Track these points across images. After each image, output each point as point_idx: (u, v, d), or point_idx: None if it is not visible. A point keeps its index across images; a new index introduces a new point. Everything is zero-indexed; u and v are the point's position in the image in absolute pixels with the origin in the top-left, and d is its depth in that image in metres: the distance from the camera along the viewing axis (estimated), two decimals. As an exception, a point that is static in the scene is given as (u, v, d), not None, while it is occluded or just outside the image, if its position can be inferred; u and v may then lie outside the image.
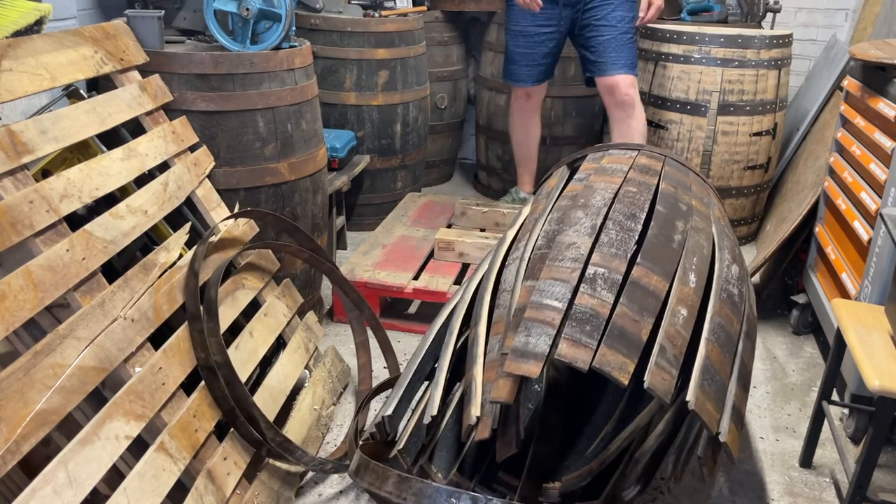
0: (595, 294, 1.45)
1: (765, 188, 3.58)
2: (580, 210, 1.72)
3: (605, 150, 2.20)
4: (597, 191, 1.81)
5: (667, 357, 1.37)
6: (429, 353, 1.68)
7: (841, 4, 4.07)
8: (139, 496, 1.40)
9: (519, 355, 1.36)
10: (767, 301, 3.04)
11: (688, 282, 1.55)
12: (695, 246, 1.67)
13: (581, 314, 1.41)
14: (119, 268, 1.75)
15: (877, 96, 2.28)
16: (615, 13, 3.01)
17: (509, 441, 1.40)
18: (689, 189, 1.98)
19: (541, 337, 1.38)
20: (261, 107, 2.24)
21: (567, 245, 1.59)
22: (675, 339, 1.41)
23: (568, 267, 1.52)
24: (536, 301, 1.46)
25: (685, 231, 1.71)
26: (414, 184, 3.77)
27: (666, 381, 1.33)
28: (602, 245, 1.57)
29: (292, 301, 2.19)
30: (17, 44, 1.64)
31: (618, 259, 1.54)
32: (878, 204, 2.12)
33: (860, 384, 1.96)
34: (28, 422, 1.27)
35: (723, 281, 1.64)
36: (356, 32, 3.33)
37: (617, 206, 1.71)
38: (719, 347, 1.47)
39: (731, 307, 1.60)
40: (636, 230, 1.64)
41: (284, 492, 1.79)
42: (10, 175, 1.48)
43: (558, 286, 1.48)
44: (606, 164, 2.03)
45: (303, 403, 2.02)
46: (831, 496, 1.98)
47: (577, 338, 1.36)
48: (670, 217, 1.73)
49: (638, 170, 1.97)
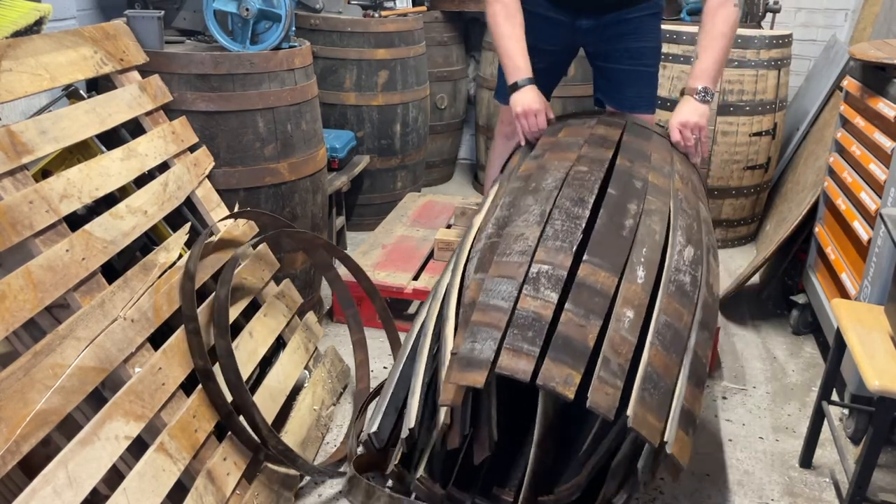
0: (538, 295, 1.39)
1: (765, 188, 3.58)
2: (530, 196, 1.64)
3: (564, 122, 2.13)
4: (549, 171, 1.73)
5: (610, 369, 1.31)
6: (409, 359, 1.62)
7: (841, 4, 4.07)
8: (139, 496, 1.39)
9: (464, 364, 1.31)
10: (767, 301, 3.04)
11: (635, 278, 1.48)
12: (646, 232, 1.59)
13: (523, 319, 1.35)
14: (119, 268, 1.75)
15: (876, 96, 2.28)
16: (640, 45, 2.46)
17: (483, 443, 1.36)
18: (649, 159, 1.88)
19: (486, 342, 1.33)
20: (261, 107, 2.24)
21: (516, 237, 1.53)
22: (619, 347, 1.35)
23: (515, 262, 1.46)
24: (483, 302, 1.40)
25: (637, 214, 1.63)
26: (414, 184, 3.77)
27: (609, 395, 1.28)
28: (547, 238, 1.50)
29: (292, 301, 2.19)
30: (16, 44, 1.64)
31: (563, 253, 1.47)
32: (878, 204, 2.12)
33: (860, 384, 1.96)
34: (28, 422, 1.27)
35: (672, 271, 1.55)
36: (356, 32, 3.33)
37: (565, 191, 1.63)
38: (664, 350, 1.41)
39: (680, 299, 1.52)
40: (583, 217, 1.56)
41: (284, 492, 1.79)
42: (9, 175, 1.48)
43: (505, 284, 1.42)
44: (563, 137, 1.94)
45: (303, 404, 2.02)
46: (831, 496, 1.98)
47: (518, 346, 1.31)
48: (622, 200, 1.65)
49: (593, 143, 1.86)
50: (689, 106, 2.14)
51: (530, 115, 2.15)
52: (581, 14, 2.34)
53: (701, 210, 1.87)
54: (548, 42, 2.36)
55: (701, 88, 2.13)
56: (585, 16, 2.34)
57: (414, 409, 1.41)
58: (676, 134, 2.14)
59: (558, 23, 2.35)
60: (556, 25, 2.36)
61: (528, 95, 2.16)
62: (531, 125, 2.16)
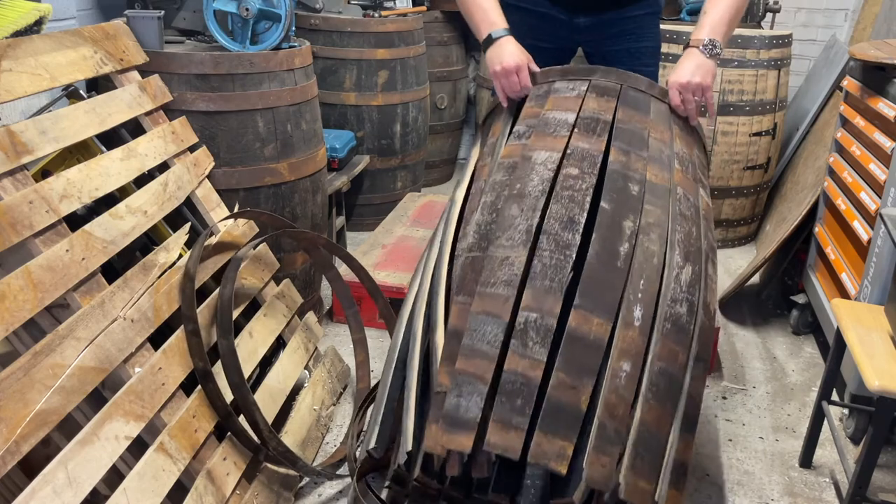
0: (526, 353, 1.30)
1: (764, 188, 3.58)
2: (515, 204, 1.51)
3: (551, 84, 1.85)
4: (534, 168, 1.58)
5: (606, 436, 1.25)
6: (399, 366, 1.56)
7: (840, 4, 4.07)
8: (139, 496, 1.39)
9: (450, 423, 1.26)
10: (767, 301, 3.04)
11: (632, 320, 1.37)
12: (643, 257, 1.47)
13: (510, 384, 1.28)
14: (119, 268, 1.75)
15: (876, 96, 2.28)
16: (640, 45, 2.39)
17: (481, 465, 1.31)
18: (646, 144, 1.70)
19: (472, 398, 1.27)
20: (260, 107, 2.24)
21: (500, 261, 1.42)
22: (616, 409, 1.28)
23: (501, 294, 1.37)
24: (467, 345, 1.33)
25: (634, 233, 1.49)
26: (414, 184, 3.77)
27: (605, 468, 1.23)
28: (535, 277, 1.39)
29: (292, 301, 2.19)
30: (16, 44, 1.64)
31: (552, 297, 1.36)
32: (878, 204, 2.12)
33: (860, 384, 1.96)
34: (28, 422, 1.27)
35: (668, 304, 1.44)
36: (356, 32, 3.33)
37: (553, 208, 1.49)
38: (658, 402, 1.33)
39: (676, 336, 1.42)
40: (574, 245, 1.43)
41: (284, 492, 1.79)
42: (9, 175, 1.48)
43: (490, 325, 1.33)
44: (550, 111, 1.73)
45: (303, 404, 2.02)
46: (831, 496, 1.98)
47: (506, 419, 1.24)
48: (616, 216, 1.50)
49: (584, 128, 1.68)
50: (692, 61, 1.84)
51: (511, 74, 1.87)
52: (579, 11, 2.25)
53: (700, 201, 1.72)
54: (545, 40, 2.27)
55: (708, 41, 1.84)
56: (584, 13, 2.25)
57: (409, 433, 1.37)
58: (676, 97, 1.85)
59: (556, 20, 2.27)
60: (553, 23, 2.27)
61: (506, 49, 1.88)
62: (512, 85, 1.88)
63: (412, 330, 1.56)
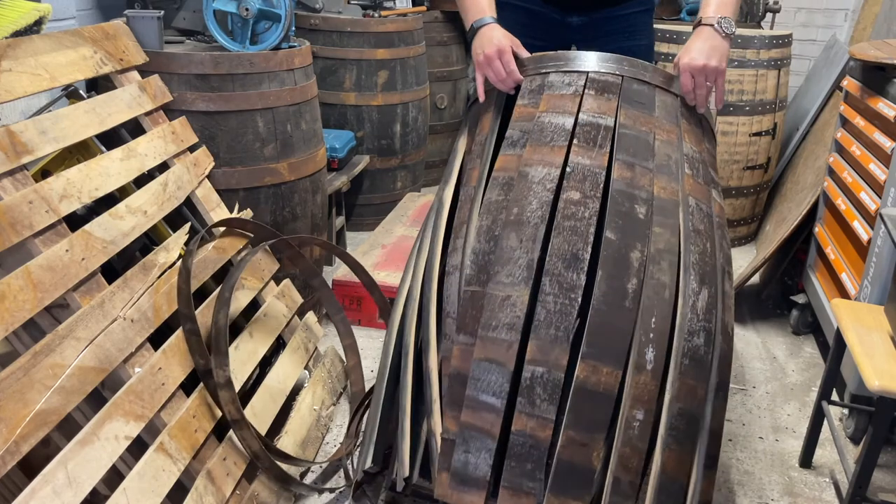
0: (534, 412, 1.26)
1: (764, 188, 3.58)
2: (513, 233, 1.42)
3: (544, 74, 1.71)
4: (532, 188, 1.47)
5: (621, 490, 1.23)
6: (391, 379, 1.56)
7: (840, 4, 4.07)
8: (139, 496, 1.39)
9: (459, 480, 1.26)
10: (767, 301, 3.04)
11: (644, 364, 1.31)
12: (653, 291, 1.38)
13: (519, 447, 1.26)
14: (119, 268, 1.75)
15: (876, 96, 2.28)
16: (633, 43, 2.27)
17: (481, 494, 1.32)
18: (652, 151, 1.57)
19: (480, 454, 1.26)
20: (260, 107, 2.24)
21: (501, 300, 1.36)
22: (630, 461, 1.25)
23: (504, 340, 1.32)
24: (472, 397, 1.30)
25: (642, 264, 1.40)
26: (414, 184, 3.77)
27: None
28: (539, 325, 1.33)
29: (292, 301, 2.19)
30: (16, 44, 1.64)
31: (558, 346, 1.31)
32: (878, 204, 2.12)
33: (860, 384, 1.96)
34: (28, 422, 1.27)
35: (685, 337, 1.37)
36: (356, 32, 3.33)
37: (555, 242, 1.40)
38: (678, 446, 1.29)
39: (694, 371, 1.35)
40: (579, 287, 1.35)
41: (284, 492, 1.79)
42: (9, 175, 1.47)
43: (494, 374, 1.30)
44: (544, 115, 1.60)
45: (303, 404, 2.02)
46: (831, 496, 1.98)
47: (517, 484, 1.23)
48: (623, 247, 1.40)
49: (584, 138, 1.54)
50: (706, 42, 1.67)
51: (493, 60, 1.71)
52: (572, 10, 2.20)
53: (714, 207, 1.62)
54: (538, 39, 2.18)
55: (721, 18, 1.68)
56: (576, 12, 2.20)
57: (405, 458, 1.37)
58: (689, 82, 1.69)
59: (549, 19, 2.22)
60: (546, 21, 2.22)
61: (487, 35, 1.74)
62: (497, 72, 1.72)
63: (403, 344, 1.54)
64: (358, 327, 2.51)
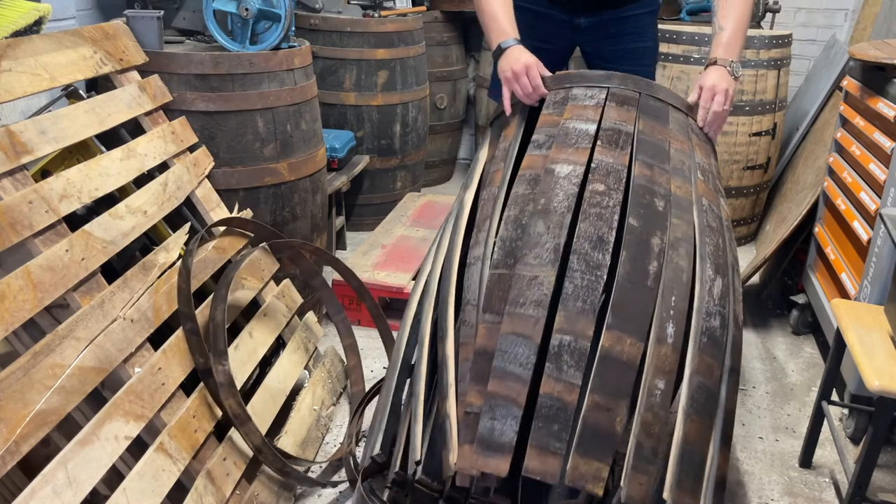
0: (561, 376, 1.31)
1: (764, 188, 3.58)
2: (540, 220, 1.50)
3: (567, 88, 1.86)
4: (558, 182, 1.57)
5: (643, 455, 1.26)
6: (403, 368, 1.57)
7: (840, 4, 4.07)
8: (139, 496, 1.39)
9: (485, 446, 1.27)
10: (767, 301, 3.04)
11: (665, 338, 1.38)
12: (673, 274, 1.47)
13: (547, 409, 1.28)
14: (118, 268, 1.75)
15: (876, 96, 2.28)
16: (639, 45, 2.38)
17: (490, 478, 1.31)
18: (668, 156, 1.70)
19: (506, 421, 1.28)
20: (260, 107, 2.24)
21: (529, 280, 1.42)
22: (652, 428, 1.29)
23: (531, 316, 1.37)
24: (499, 367, 1.33)
25: (662, 251, 1.50)
26: (414, 184, 3.77)
27: (643, 486, 1.24)
28: (567, 298, 1.39)
29: (292, 301, 2.19)
30: (16, 44, 1.64)
31: (584, 318, 1.36)
32: (878, 204, 2.12)
33: (860, 384, 1.96)
34: (28, 422, 1.27)
35: (703, 317, 1.45)
36: (356, 32, 3.33)
37: (582, 227, 1.48)
38: (699, 417, 1.34)
39: (711, 350, 1.43)
40: (604, 266, 1.43)
41: (284, 492, 1.79)
42: (9, 175, 1.48)
43: (521, 346, 1.34)
44: (569, 122, 1.72)
45: (303, 404, 2.02)
46: (831, 496, 1.98)
47: (544, 444, 1.25)
48: (645, 233, 1.50)
49: (606, 140, 1.68)
50: (719, 73, 1.92)
51: (521, 76, 1.85)
52: (579, 11, 2.26)
53: (722, 208, 1.73)
54: (545, 41, 2.26)
55: (732, 62, 1.93)
56: (584, 13, 2.26)
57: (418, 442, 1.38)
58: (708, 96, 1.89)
59: (556, 20, 2.27)
60: (553, 23, 2.28)
61: (513, 55, 1.89)
62: (524, 86, 1.86)
63: (419, 335, 1.56)
64: (358, 327, 2.51)
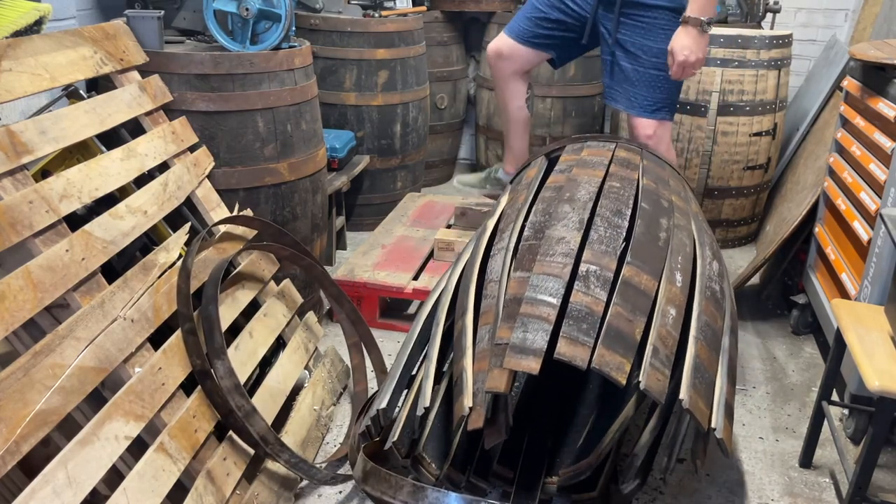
0: (589, 292, 1.48)
1: (764, 188, 3.58)
2: (566, 204, 1.75)
3: (583, 142, 2.22)
4: (580, 184, 1.84)
5: (660, 358, 1.40)
6: (416, 346, 1.69)
7: (841, 4, 4.07)
8: (139, 496, 1.39)
9: (517, 351, 1.38)
10: (767, 301, 3.04)
11: (675, 281, 1.59)
12: (679, 244, 1.72)
13: (577, 312, 1.43)
14: (119, 268, 1.75)
15: (876, 96, 2.28)
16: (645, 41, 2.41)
17: (499, 429, 1.41)
18: (668, 184, 2.02)
19: (538, 333, 1.40)
20: (260, 107, 2.24)
21: (557, 240, 1.62)
22: (666, 340, 1.45)
23: (559, 262, 1.55)
24: (531, 297, 1.48)
25: (669, 228, 1.75)
26: (414, 184, 3.77)
27: (660, 381, 1.37)
28: (592, 242, 1.60)
29: (292, 301, 2.19)
30: (16, 44, 1.64)
31: (608, 256, 1.57)
32: (878, 204, 2.12)
33: (860, 384, 1.96)
34: (28, 422, 1.27)
35: (706, 279, 1.68)
36: (356, 32, 3.33)
37: (603, 202, 1.75)
38: (707, 345, 1.51)
39: (714, 304, 1.63)
40: (623, 227, 1.67)
41: (284, 492, 1.79)
42: (9, 175, 1.48)
43: (551, 281, 1.51)
44: (587, 156, 2.05)
45: (303, 404, 2.02)
46: (831, 496, 1.98)
47: (574, 336, 1.38)
48: (654, 214, 1.77)
49: (619, 164, 2.00)
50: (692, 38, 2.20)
51: None
52: None
53: (714, 241, 1.98)
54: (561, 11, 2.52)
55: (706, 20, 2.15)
56: None
57: (428, 391, 1.47)
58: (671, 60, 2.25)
59: None
60: None
61: None
62: None
63: (435, 316, 1.70)
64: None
